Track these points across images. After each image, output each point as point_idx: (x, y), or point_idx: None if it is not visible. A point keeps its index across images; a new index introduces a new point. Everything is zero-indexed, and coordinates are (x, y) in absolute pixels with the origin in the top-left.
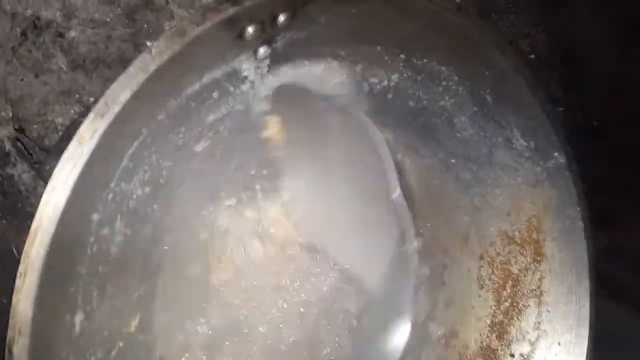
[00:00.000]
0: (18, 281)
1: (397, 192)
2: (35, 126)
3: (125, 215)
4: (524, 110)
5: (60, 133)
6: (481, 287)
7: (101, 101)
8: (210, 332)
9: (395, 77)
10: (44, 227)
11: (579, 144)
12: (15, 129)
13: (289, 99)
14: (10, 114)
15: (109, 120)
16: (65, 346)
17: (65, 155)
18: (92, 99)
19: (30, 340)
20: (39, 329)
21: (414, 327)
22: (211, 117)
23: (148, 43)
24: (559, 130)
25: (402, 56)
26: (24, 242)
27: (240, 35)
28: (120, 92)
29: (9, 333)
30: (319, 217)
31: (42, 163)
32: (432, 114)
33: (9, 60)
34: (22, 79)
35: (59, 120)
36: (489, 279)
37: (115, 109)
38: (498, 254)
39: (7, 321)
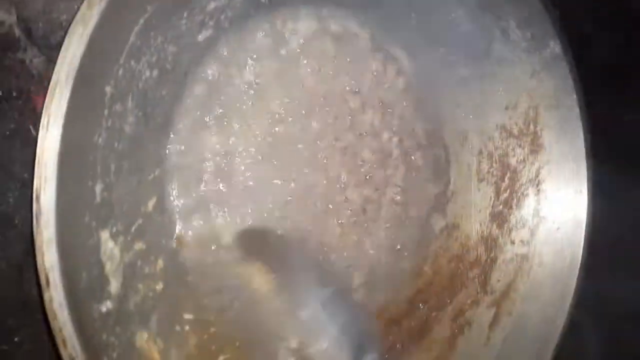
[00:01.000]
0: (41, 132)
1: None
2: (40, 25)
3: (135, 96)
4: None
5: (65, 30)
6: (480, 181)
7: None
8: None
9: None
10: (62, 82)
11: (570, 37)
12: (20, 30)
13: None
14: (15, 17)
15: None
16: (88, 211)
17: (77, 17)
18: None
19: (56, 191)
20: (63, 183)
21: (417, 220)
22: (212, 5)
23: None
24: (555, 19)
25: None
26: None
27: None
28: None
29: (35, 182)
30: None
31: (50, 59)
32: (430, 9)
33: None
34: None
35: (64, 17)
36: (488, 172)
37: None
38: (497, 148)
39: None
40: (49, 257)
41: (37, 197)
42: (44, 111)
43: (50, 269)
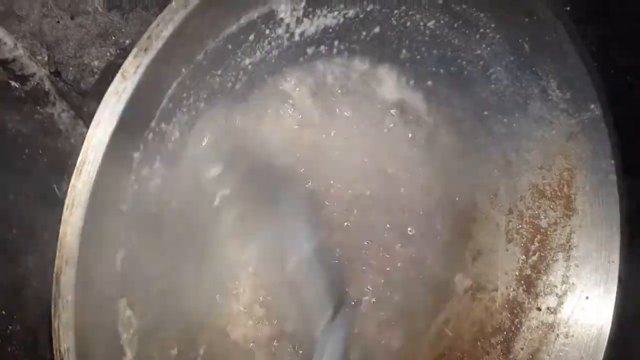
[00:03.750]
0: (65, 212)
1: None
2: (71, 69)
3: (164, 157)
4: (562, 60)
5: (96, 76)
6: (509, 241)
7: (144, 36)
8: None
9: (431, 23)
10: (90, 159)
11: (611, 99)
12: (51, 72)
13: None
14: (46, 57)
15: (152, 55)
16: (107, 282)
17: (110, 89)
18: (128, 41)
19: (76, 272)
20: (84, 261)
21: (440, 279)
22: (247, 61)
23: None
24: (596, 81)
25: (440, 1)
26: (65, 180)
27: None
28: (163, 27)
29: (57, 263)
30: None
31: (80, 105)
32: (467, 64)
33: (44, 2)
34: (57, 22)
35: (95, 63)
36: (517, 233)
37: (158, 44)
38: (528, 208)
39: (51, 256)
40: (65, 340)
41: (57, 279)
42: (69, 191)
43: (65, 352)
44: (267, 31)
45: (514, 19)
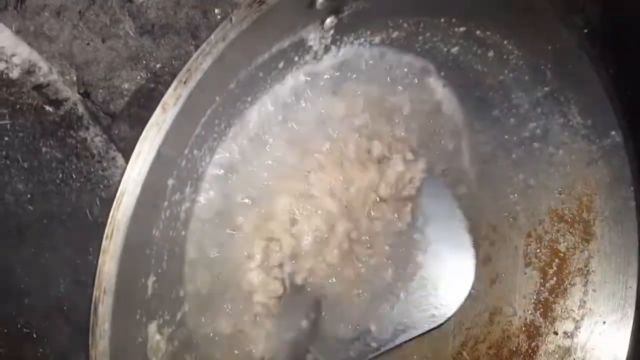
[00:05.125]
0: (105, 242)
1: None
2: (100, 91)
3: (194, 182)
4: (583, 87)
5: (126, 98)
6: (527, 265)
7: (184, 68)
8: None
9: (455, 50)
10: (130, 190)
11: (632, 126)
12: (80, 93)
13: None
14: (75, 78)
15: (191, 88)
16: (140, 307)
17: (151, 120)
18: (158, 65)
19: (113, 300)
20: (121, 290)
21: None
22: (275, 88)
23: (216, 10)
24: (618, 108)
25: (464, 29)
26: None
27: (312, 4)
28: (202, 60)
29: (95, 292)
30: None
31: (108, 126)
32: (490, 89)
33: (75, 24)
34: (88, 44)
35: (125, 85)
36: (536, 257)
37: (197, 76)
38: (546, 232)
39: (83, 279)
40: None
41: (95, 308)
42: (109, 221)
43: None
44: (296, 58)
45: (536, 46)
